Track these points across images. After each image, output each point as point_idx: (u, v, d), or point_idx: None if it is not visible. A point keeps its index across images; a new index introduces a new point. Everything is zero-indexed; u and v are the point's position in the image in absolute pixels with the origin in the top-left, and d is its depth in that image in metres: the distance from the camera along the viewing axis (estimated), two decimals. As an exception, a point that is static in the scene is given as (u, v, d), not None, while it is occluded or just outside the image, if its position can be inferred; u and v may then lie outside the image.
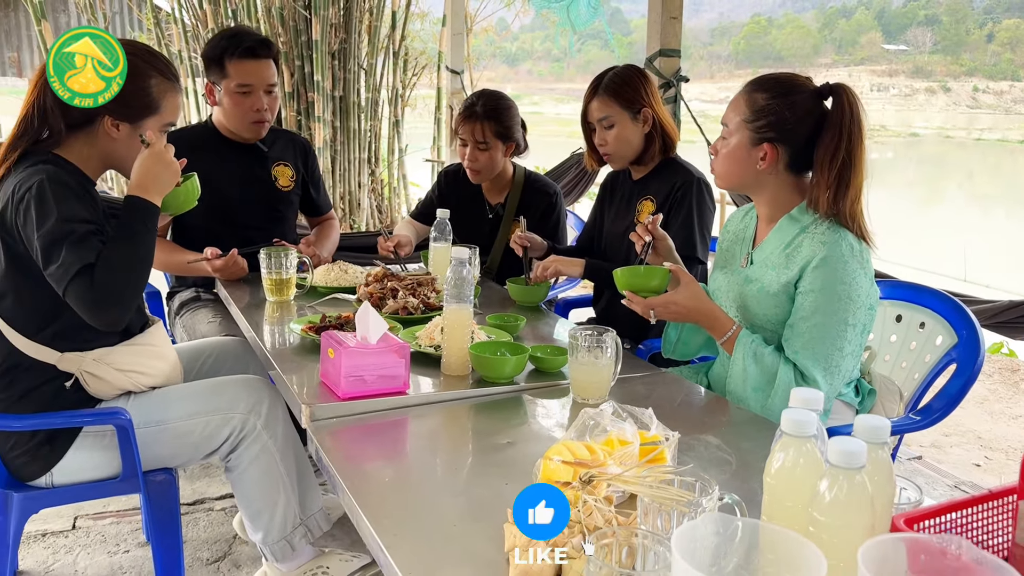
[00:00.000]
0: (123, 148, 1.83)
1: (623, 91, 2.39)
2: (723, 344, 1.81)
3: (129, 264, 1.72)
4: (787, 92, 1.72)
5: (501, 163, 2.81)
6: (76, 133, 1.79)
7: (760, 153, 1.74)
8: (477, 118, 2.71)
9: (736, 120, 1.76)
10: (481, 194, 2.92)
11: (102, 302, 1.68)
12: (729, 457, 1.41)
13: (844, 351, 1.70)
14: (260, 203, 2.72)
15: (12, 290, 1.75)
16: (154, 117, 1.83)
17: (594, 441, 1.26)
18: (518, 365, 1.74)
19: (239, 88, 2.56)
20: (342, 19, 6.16)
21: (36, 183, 1.66)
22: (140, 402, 1.85)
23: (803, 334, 1.70)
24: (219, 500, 2.64)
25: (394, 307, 2.15)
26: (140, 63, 1.80)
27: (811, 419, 0.94)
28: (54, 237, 1.66)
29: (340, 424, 1.53)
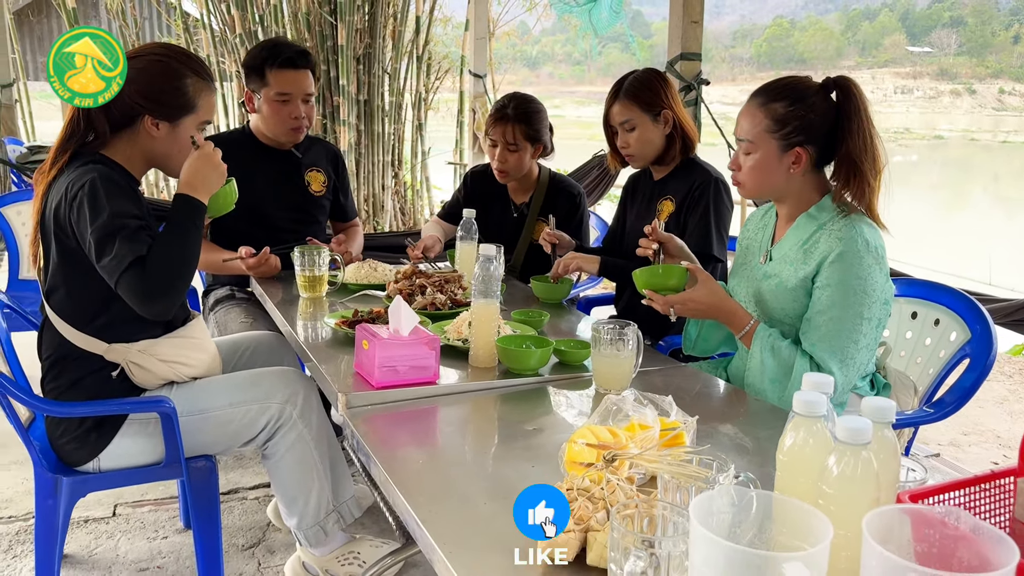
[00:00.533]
0: (163, 147, 1.92)
1: (643, 94, 2.46)
2: (741, 338, 1.88)
3: (179, 257, 1.82)
4: (802, 95, 1.79)
5: (529, 164, 2.89)
6: (119, 134, 1.89)
7: (791, 158, 1.80)
8: (508, 120, 2.80)
9: (757, 132, 1.81)
10: (506, 194, 3.00)
11: (153, 292, 1.77)
12: (746, 444, 1.47)
13: (859, 344, 1.76)
14: (293, 207, 2.82)
15: (63, 284, 1.84)
16: (191, 116, 1.93)
17: (616, 426, 1.33)
18: (543, 357, 1.81)
19: (278, 96, 2.67)
20: (367, 24, 6.26)
21: (88, 181, 1.76)
22: (182, 392, 1.94)
23: (819, 327, 1.76)
24: (252, 490, 2.73)
25: (422, 303, 2.23)
26: (175, 64, 1.89)
27: (821, 400, 1.00)
28: (107, 231, 1.75)
29: (374, 411, 1.61)
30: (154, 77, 1.86)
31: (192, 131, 1.93)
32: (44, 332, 1.90)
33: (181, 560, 2.32)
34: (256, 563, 2.32)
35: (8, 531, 2.46)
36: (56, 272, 1.84)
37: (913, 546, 0.92)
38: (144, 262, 1.76)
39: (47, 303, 1.87)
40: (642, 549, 0.91)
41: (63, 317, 1.85)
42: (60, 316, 1.85)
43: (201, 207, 1.90)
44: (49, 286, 1.86)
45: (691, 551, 0.86)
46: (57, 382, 1.88)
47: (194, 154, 1.92)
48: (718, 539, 0.81)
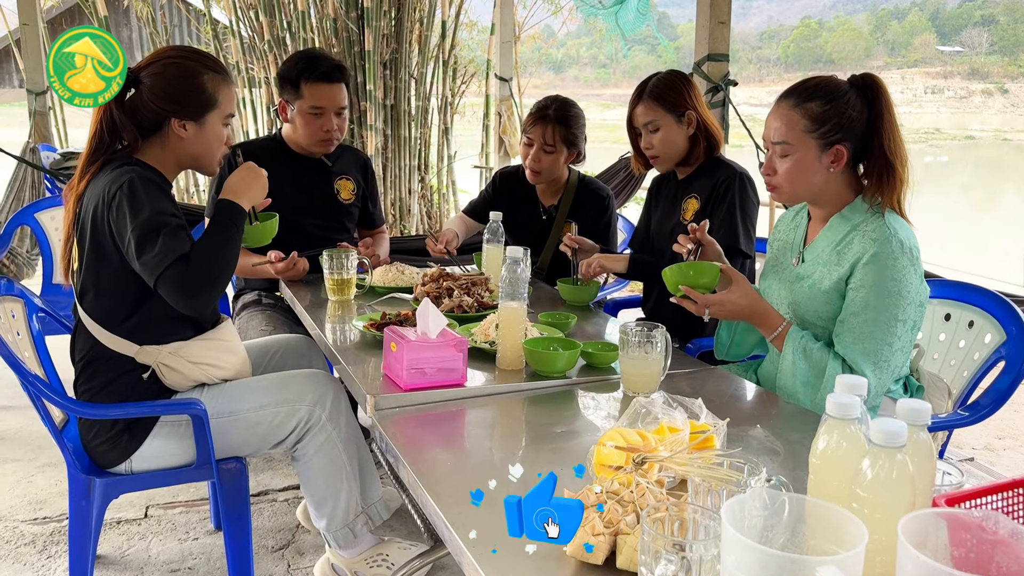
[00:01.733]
0: (193, 146, 1.95)
1: (667, 95, 2.45)
2: (772, 340, 1.86)
3: (220, 254, 1.86)
4: (835, 94, 1.77)
5: (561, 168, 2.89)
6: (149, 140, 1.92)
7: (831, 157, 1.77)
8: (549, 121, 2.80)
9: (795, 133, 1.78)
10: (535, 195, 3.00)
11: (196, 287, 1.80)
12: (777, 448, 1.45)
13: (893, 346, 1.73)
14: (322, 214, 2.85)
15: (94, 286, 1.87)
16: (215, 111, 1.95)
17: (646, 429, 1.32)
18: (570, 360, 1.80)
19: (312, 109, 2.70)
20: (393, 29, 6.30)
21: (127, 181, 1.79)
22: (213, 394, 1.96)
23: (853, 329, 1.74)
24: (282, 492, 2.75)
25: (449, 305, 2.23)
26: (190, 63, 1.92)
27: (855, 403, 0.99)
28: (149, 228, 1.78)
29: (402, 413, 1.62)
30: (173, 80, 1.89)
31: (218, 127, 1.96)
32: (77, 335, 1.93)
33: (212, 561, 2.34)
34: (286, 565, 2.33)
35: (43, 532, 2.50)
36: (88, 274, 1.87)
37: (950, 551, 0.91)
38: (187, 258, 1.80)
39: (79, 305, 1.90)
40: (673, 552, 0.90)
41: (95, 319, 1.88)
42: (92, 318, 1.88)
43: (242, 212, 1.95)
44: (81, 288, 1.89)
45: (723, 555, 0.85)
46: (90, 384, 1.91)
47: (241, 166, 2.01)
48: (751, 543, 0.80)
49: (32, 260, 4.59)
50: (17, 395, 2.98)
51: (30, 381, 1.82)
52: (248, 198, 1.98)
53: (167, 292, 1.80)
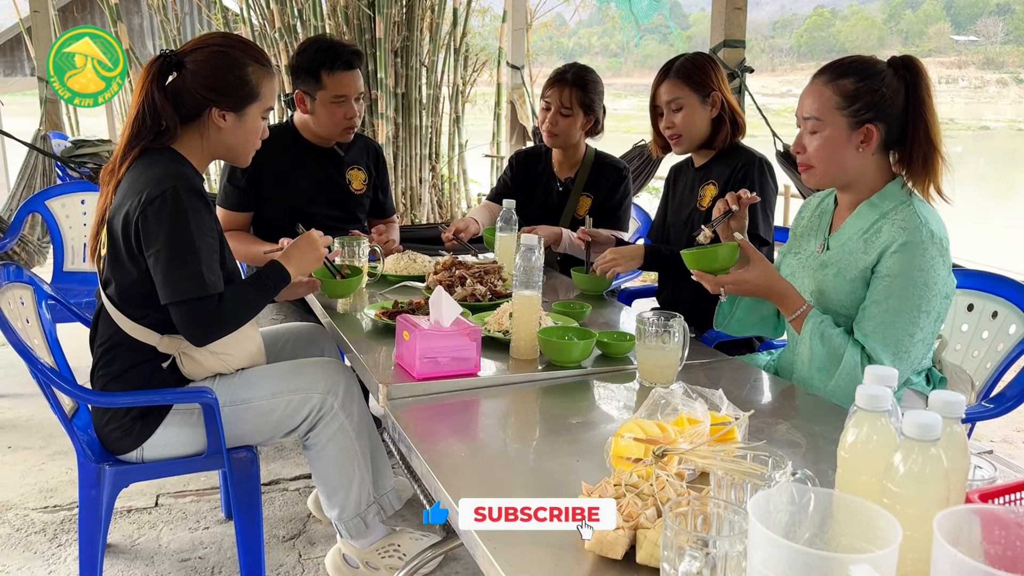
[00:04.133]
0: (230, 138, 1.92)
1: (695, 75, 2.41)
2: (792, 322, 1.81)
3: (250, 309, 1.92)
4: (871, 72, 1.72)
5: (578, 135, 2.88)
6: (187, 128, 1.89)
7: (860, 136, 1.73)
8: (566, 84, 2.82)
9: (825, 109, 1.73)
10: (551, 170, 3.00)
11: (216, 329, 1.84)
12: (799, 440, 1.42)
13: (915, 338, 1.70)
14: (334, 204, 2.82)
15: (121, 278, 1.84)
16: (256, 104, 1.92)
17: (665, 420, 1.29)
18: (585, 349, 1.77)
19: (335, 99, 2.67)
20: (404, 17, 6.25)
21: (171, 188, 1.75)
22: (226, 382, 1.94)
23: (874, 317, 1.70)
24: (293, 481, 2.73)
25: (462, 294, 2.20)
26: (236, 53, 1.89)
27: (886, 394, 0.96)
28: (192, 245, 1.76)
29: (415, 403, 1.59)
30: (217, 69, 1.86)
31: (257, 120, 1.93)
32: (99, 320, 1.91)
33: (223, 551, 2.32)
34: (296, 555, 2.31)
35: (53, 520, 2.49)
36: (115, 266, 1.84)
37: (984, 548, 0.87)
38: (222, 298, 1.81)
39: (104, 292, 1.88)
40: (697, 549, 0.87)
41: (119, 308, 1.86)
42: (116, 307, 1.86)
43: (288, 278, 1.98)
44: (106, 276, 1.87)
45: (750, 551, 0.82)
46: (108, 369, 1.89)
47: (302, 236, 2.05)
48: (781, 540, 0.77)
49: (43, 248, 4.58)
50: (28, 383, 2.98)
51: (40, 369, 1.80)
52: (297, 268, 2.00)
53: (182, 320, 1.79)
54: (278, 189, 2.70)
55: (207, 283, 1.77)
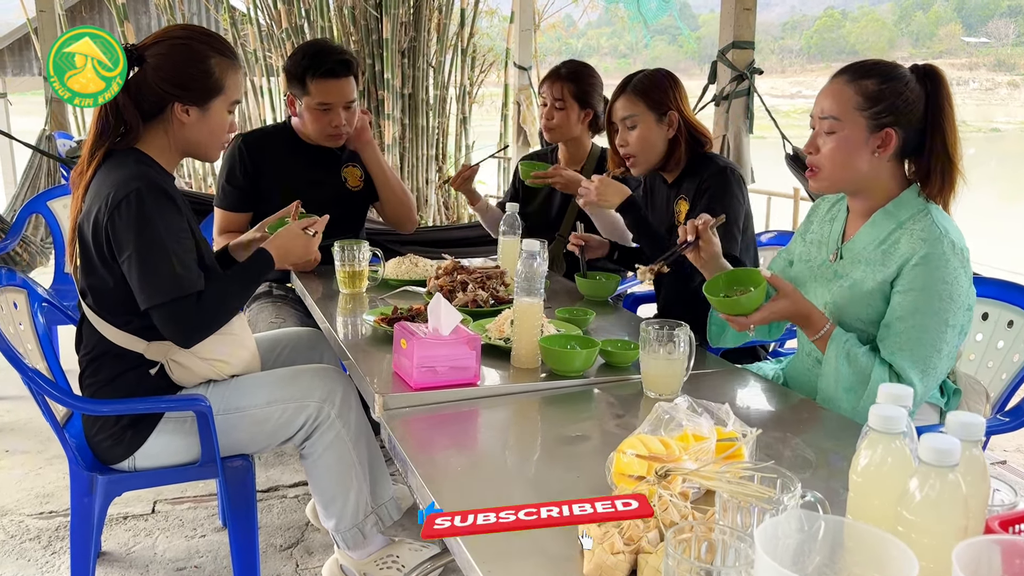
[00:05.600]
0: (196, 133, 1.87)
1: (652, 92, 2.34)
2: (816, 341, 1.74)
3: (233, 302, 1.88)
4: (894, 75, 1.66)
5: (577, 128, 2.85)
6: (151, 125, 1.84)
7: (878, 140, 1.67)
8: (559, 78, 2.81)
9: (845, 109, 1.67)
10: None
11: (200, 328, 1.80)
12: (809, 456, 1.37)
13: (942, 353, 1.64)
14: (330, 203, 2.77)
15: (99, 285, 1.80)
16: (220, 97, 1.87)
17: (669, 436, 1.24)
18: (588, 359, 1.72)
19: (319, 106, 2.64)
20: (412, 17, 6.22)
21: (135, 190, 1.71)
22: (220, 389, 1.90)
23: (900, 334, 1.64)
24: (292, 488, 2.69)
25: (463, 300, 2.16)
26: (198, 45, 1.83)
27: (900, 415, 0.91)
28: (162, 248, 1.72)
29: (412, 414, 1.55)
30: (179, 62, 1.81)
31: (223, 113, 1.88)
32: (82, 329, 1.87)
33: (219, 560, 2.28)
34: (294, 564, 2.27)
35: (48, 527, 2.45)
36: (91, 274, 1.80)
37: (1004, 579, 0.82)
38: (201, 297, 1.76)
39: (83, 301, 1.84)
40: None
41: (101, 315, 1.82)
42: (97, 314, 1.82)
43: (271, 267, 1.95)
44: (85, 285, 1.83)
45: (756, 584, 0.78)
46: (95, 378, 1.85)
47: (293, 228, 2.04)
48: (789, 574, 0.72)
49: (46, 249, 4.56)
50: (26, 386, 2.94)
51: (29, 376, 1.76)
52: (285, 259, 1.98)
53: (164, 323, 1.75)
54: (276, 189, 2.66)
55: (183, 283, 1.73)
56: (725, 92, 3.78)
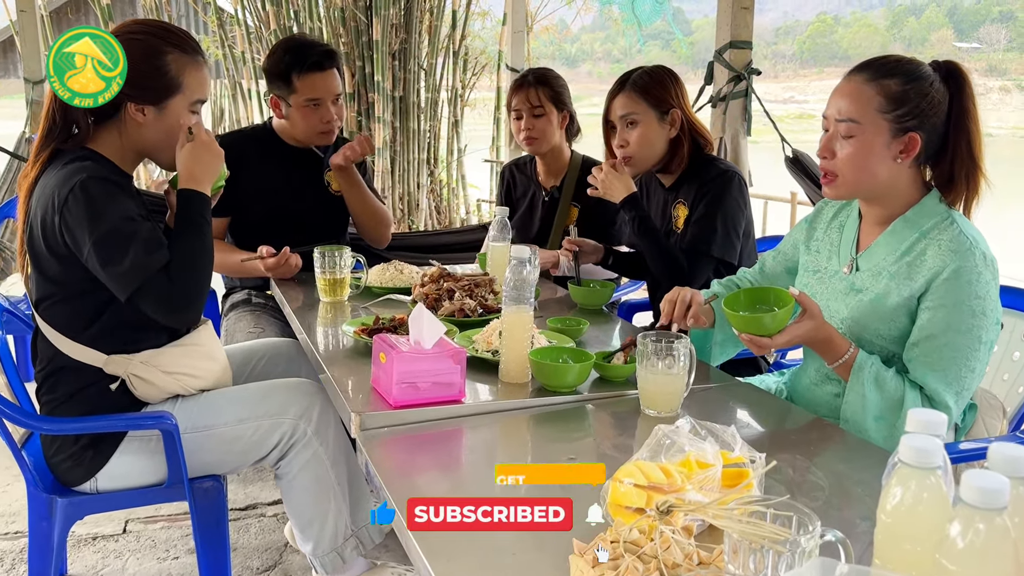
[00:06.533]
0: (152, 134, 1.75)
1: (653, 89, 2.24)
2: (837, 369, 1.60)
3: (201, 257, 1.72)
4: (917, 74, 1.55)
5: (557, 134, 2.73)
6: (104, 125, 1.73)
7: (901, 145, 1.55)
8: (529, 85, 2.70)
9: (865, 111, 1.55)
10: (536, 179, 2.85)
11: (183, 299, 1.67)
12: (821, 481, 1.26)
13: (975, 371, 1.53)
14: (313, 207, 2.67)
15: (52, 292, 1.69)
16: (178, 96, 1.75)
17: (670, 462, 1.13)
18: (582, 373, 1.61)
19: (308, 102, 2.51)
20: (403, 19, 6.13)
21: (78, 183, 1.60)
22: (187, 406, 1.78)
23: (930, 353, 1.52)
24: (271, 506, 2.57)
25: (450, 309, 2.04)
26: (154, 40, 1.72)
27: (935, 447, 0.80)
28: (116, 237, 1.61)
29: (391, 434, 1.43)
30: (131, 58, 1.67)
31: (183, 113, 1.76)
32: (37, 342, 1.75)
33: (192, 583, 2.17)
34: (271, 588, 2.15)
35: (12, 548, 2.33)
36: (42, 280, 1.69)
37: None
38: (168, 271, 1.64)
39: (36, 313, 1.71)
40: (710, 639, 0.71)
41: (55, 327, 1.70)
42: (51, 326, 1.70)
43: (207, 200, 1.77)
44: (38, 295, 1.71)
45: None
46: (52, 395, 1.74)
47: (189, 145, 1.76)
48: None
49: (24, 255, 4.43)
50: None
51: (-20, 391, 1.65)
52: (208, 179, 1.78)
53: (150, 308, 1.65)
54: (255, 193, 2.55)
55: (148, 263, 1.62)
56: (722, 93, 3.67)
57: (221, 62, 6.98)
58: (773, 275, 1.92)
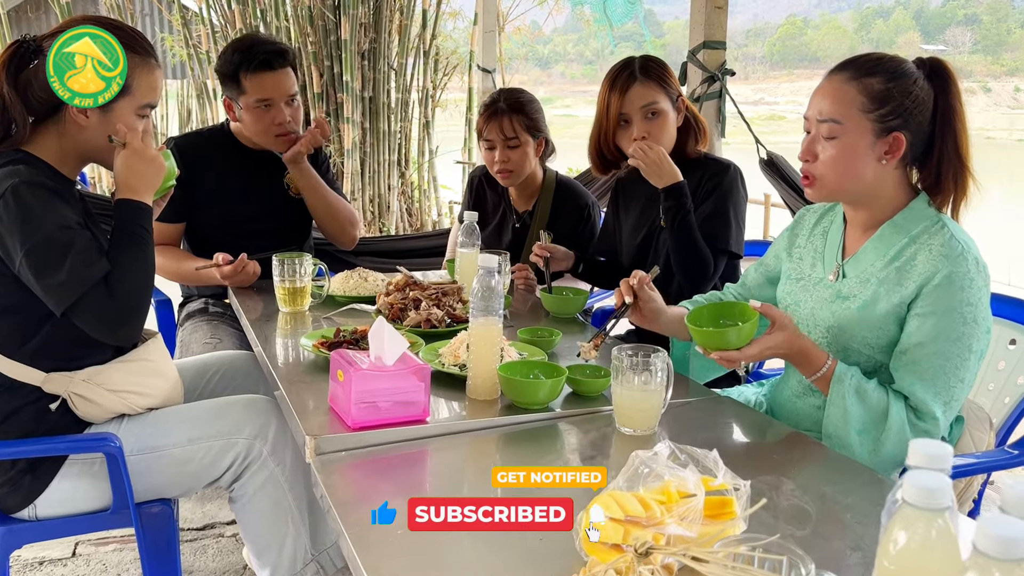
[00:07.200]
0: (96, 137, 1.64)
1: (664, 75, 2.16)
2: (816, 381, 1.53)
3: (142, 270, 1.61)
4: (901, 72, 1.49)
5: (533, 164, 2.56)
6: (44, 126, 1.62)
7: (885, 146, 1.49)
8: (503, 113, 2.47)
9: (848, 111, 1.49)
10: (507, 201, 2.69)
11: (124, 314, 1.57)
12: (807, 506, 1.18)
13: (964, 381, 1.46)
14: (273, 211, 2.56)
15: None
16: (126, 99, 1.64)
17: (648, 491, 1.05)
18: (553, 389, 1.52)
19: (258, 103, 2.39)
20: (372, 18, 6.02)
21: (9, 188, 1.49)
22: (134, 426, 1.67)
23: (919, 362, 1.46)
24: (230, 525, 2.45)
25: (416, 319, 1.95)
26: None
27: (944, 486, 0.72)
28: (49, 247, 1.50)
29: (349, 458, 1.34)
30: None
31: (129, 117, 1.65)
32: None
33: (145, 609, 2.05)
34: (229, 614, 2.05)
35: (-47, 575, 2.20)
36: None
37: None
38: (107, 284, 1.53)
39: None
40: None
41: None
42: None
43: (148, 209, 1.65)
44: None
45: None
46: (-13, 415, 1.61)
47: (123, 152, 1.65)
48: None
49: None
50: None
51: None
52: (147, 187, 1.66)
53: (86, 325, 1.54)
54: (212, 197, 2.43)
55: (85, 275, 1.51)
56: (696, 94, 3.61)
57: (186, 62, 6.83)
58: (755, 286, 1.85)
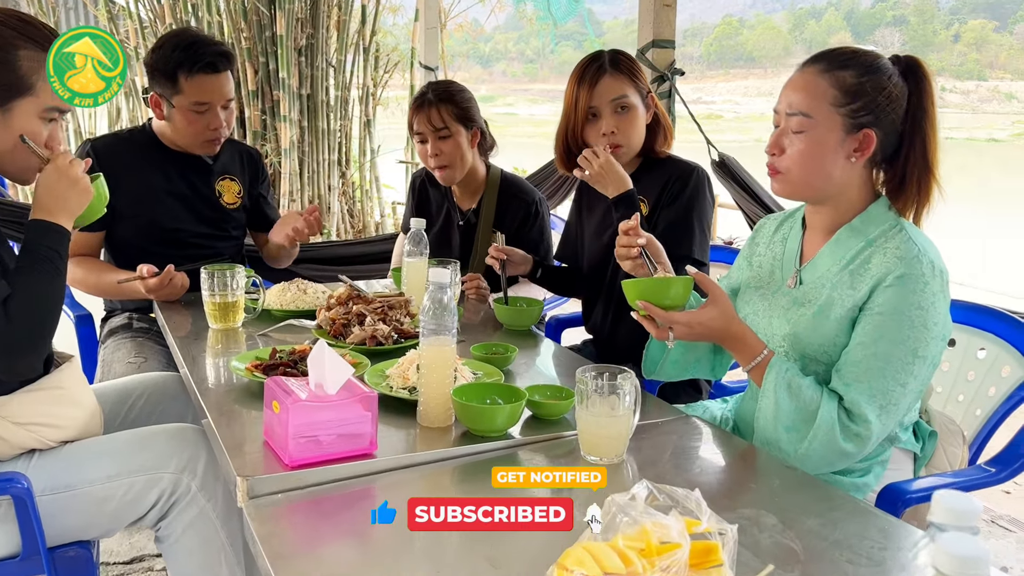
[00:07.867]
0: None
1: (634, 69, 2.08)
2: (751, 372, 1.50)
3: (47, 299, 1.46)
4: (875, 67, 1.44)
5: (469, 156, 2.44)
6: None
7: (855, 143, 1.44)
8: (431, 104, 2.36)
9: (818, 104, 1.43)
10: (451, 199, 2.57)
11: (20, 346, 1.42)
12: (793, 544, 1.09)
13: (907, 387, 1.40)
14: (203, 221, 2.38)
15: None
16: (28, 99, 1.47)
17: (625, 538, 0.93)
18: (512, 415, 1.40)
19: (195, 106, 2.23)
20: (308, 13, 5.84)
21: None
22: (46, 463, 1.50)
23: (859, 363, 1.40)
24: (159, 558, 2.28)
25: (360, 336, 1.81)
26: (5, 31, 1.45)
27: (982, 555, 0.62)
28: None
29: (287, 501, 1.20)
30: None
31: (31, 121, 1.48)
32: None
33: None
34: (158, 658, 1.88)
35: None
36: None
37: None
38: (5, 305, 1.37)
39: None
40: None
41: None
42: None
43: (65, 234, 1.49)
44: None
45: None
46: None
47: (45, 170, 1.50)
48: None
49: None
50: None
51: None
52: (66, 211, 1.51)
53: None
54: (135, 205, 2.25)
55: None
56: (646, 94, 3.53)
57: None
58: None
